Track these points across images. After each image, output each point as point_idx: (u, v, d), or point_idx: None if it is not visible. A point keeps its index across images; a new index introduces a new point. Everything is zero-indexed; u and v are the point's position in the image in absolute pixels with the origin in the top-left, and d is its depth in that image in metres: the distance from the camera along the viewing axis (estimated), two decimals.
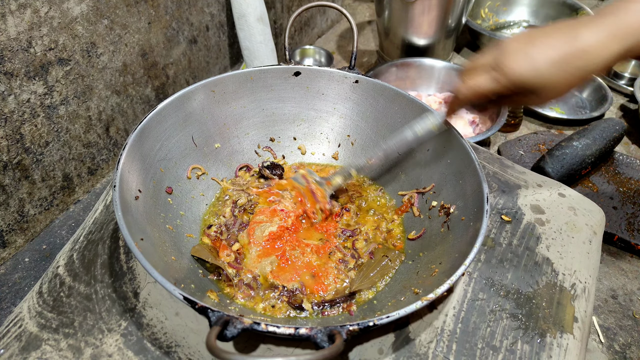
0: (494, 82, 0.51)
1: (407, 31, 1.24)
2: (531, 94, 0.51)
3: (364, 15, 1.65)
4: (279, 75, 0.74)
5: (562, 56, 0.48)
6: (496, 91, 0.52)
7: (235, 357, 0.38)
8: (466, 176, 0.61)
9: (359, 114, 0.76)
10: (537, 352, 0.53)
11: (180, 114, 0.67)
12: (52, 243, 0.83)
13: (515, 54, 0.50)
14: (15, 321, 0.55)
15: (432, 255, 0.59)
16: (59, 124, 0.80)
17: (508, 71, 0.50)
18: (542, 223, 0.68)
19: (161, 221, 0.60)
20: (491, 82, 0.52)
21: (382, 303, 0.56)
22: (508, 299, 0.58)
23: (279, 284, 0.59)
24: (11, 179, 0.75)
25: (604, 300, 0.80)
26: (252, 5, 1.01)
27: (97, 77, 0.84)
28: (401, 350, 0.52)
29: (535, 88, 0.50)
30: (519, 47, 0.50)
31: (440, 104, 1.17)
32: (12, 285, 0.76)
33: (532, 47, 0.49)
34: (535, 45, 0.49)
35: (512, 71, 0.49)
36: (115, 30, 0.85)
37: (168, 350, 0.51)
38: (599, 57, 0.47)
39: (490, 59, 0.52)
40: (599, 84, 1.25)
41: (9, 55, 0.69)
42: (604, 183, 0.99)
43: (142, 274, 0.58)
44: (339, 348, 0.40)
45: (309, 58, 1.36)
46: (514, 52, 0.50)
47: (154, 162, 0.63)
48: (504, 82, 0.51)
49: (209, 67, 1.13)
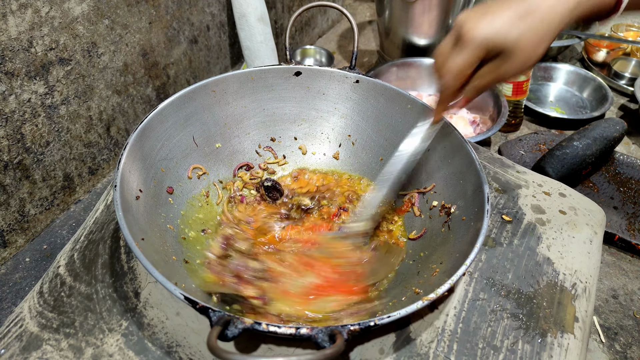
0: (464, 55, 0.51)
1: (408, 31, 1.24)
2: (503, 57, 0.50)
3: (364, 15, 1.65)
4: (279, 75, 0.74)
5: (519, 12, 0.49)
6: (468, 63, 0.52)
7: (236, 357, 0.38)
8: (467, 176, 0.61)
9: (360, 114, 0.76)
10: (538, 352, 0.53)
11: (181, 113, 0.67)
12: (53, 243, 0.83)
13: (475, 20, 0.50)
14: (15, 321, 0.55)
15: (433, 255, 0.59)
16: (59, 124, 0.80)
17: (471, 36, 0.50)
18: (542, 223, 0.68)
19: (162, 221, 0.60)
20: (461, 56, 0.51)
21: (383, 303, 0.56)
22: (509, 299, 0.58)
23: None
24: (12, 178, 0.75)
25: (604, 300, 0.80)
26: (252, 5, 1.01)
27: (98, 77, 0.84)
28: (402, 350, 0.52)
29: (503, 47, 0.50)
30: (476, 15, 0.50)
31: None
32: (12, 285, 0.76)
33: (487, 13, 0.50)
34: (490, 11, 0.50)
35: (474, 34, 0.49)
36: (116, 30, 0.85)
37: (169, 350, 0.51)
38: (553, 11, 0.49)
39: (452, 37, 0.53)
40: (599, 83, 1.25)
41: (10, 55, 0.69)
42: (604, 183, 0.99)
43: (142, 274, 0.58)
44: (340, 348, 0.40)
45: (310, 58, 1.37)
46: (473, 19, 0.50)
47: (155, 162, 0.63)
48: (472, 49, 0.50)
49: (209, 67, 1.13)
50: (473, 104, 1.17)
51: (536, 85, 1.31)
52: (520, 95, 1.11)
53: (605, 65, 1.36)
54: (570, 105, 1.26)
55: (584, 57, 1.40)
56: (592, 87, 1.27)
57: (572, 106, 1.26)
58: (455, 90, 0.55)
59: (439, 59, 0.54)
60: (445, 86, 0.55)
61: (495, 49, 0.50)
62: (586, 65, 1.38)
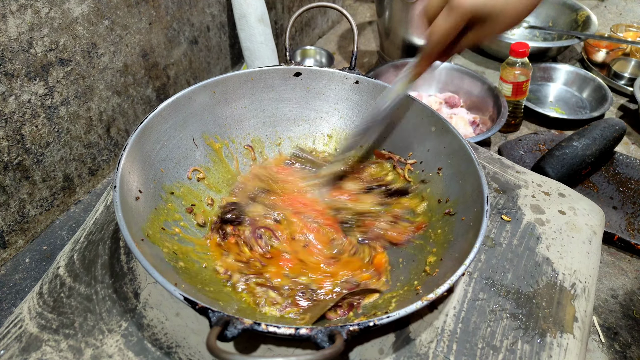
0: (451, 19, 0.53)
1: (408, 32, 1.24)
2: (487, 20, 0.52)
3: (364, 15, 1.65)
4: (279, 76, 0.74)
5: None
6: (455, 28, 0.53)
7: (235, 357, 0.38)
8: (466, 176, 0.62)
9: (360, 115, 0.76)
10: (538, 352, 0.53)
11: (180, 114, 0.67)
12: (53, 244, 0.83)
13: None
14: (15, 322, 0.55)
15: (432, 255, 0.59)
16: (59, 125, 0.80)
17: (459, 2, 0.51)
18: (542, 223, 0.68)
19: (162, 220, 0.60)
20: (449, 21, 0.53)
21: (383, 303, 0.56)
22: (508, 299, 0.58)
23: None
24: (12, 179, 0.76)
25: (604, 300, 0.80)
26: (252, 6, 1.01)
27: (98, 77, 0.85)
28: (401, 350, 0.52)
29: (488, 15, 0.51)
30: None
31: (441, 104, 1.17)
32: (12, 286, 0.76)
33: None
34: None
35: (463, 2, 0.51)
36: (116, 30, 0.85)
37: (168, 350, 0.51)
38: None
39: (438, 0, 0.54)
40: (599, 84, 1.26)
41: (10, 56, 0.69)
42: (604, 183, 0.99)
43: (142, 275, 0.58)
44: (339, 348, 0.40)
45: (310, 58, 1.37)
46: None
47: (155, 163, 0.63)
48: (459, 15, 0.52)
49: (209, 67, 1.13)
50: (473, 105, 1.17)
51: (536, 85, 1.31)
52: (520, 96, 1.11)
53: (605, 66, 1.36)
54: (569, 105, 1.26)
55: (584, 58, 1.40)
56: (592, 88, 1.27)
57: (571, 106, 1.26)
58: (439, 50, 0.57)
59: (426, 18, 0.56)
60: (430, 45, 0.56)
61: (482, 16, 0.52)
62: (586, 66, 1.38)
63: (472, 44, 0.56)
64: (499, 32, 0.54)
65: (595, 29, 1.35)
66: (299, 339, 0.43)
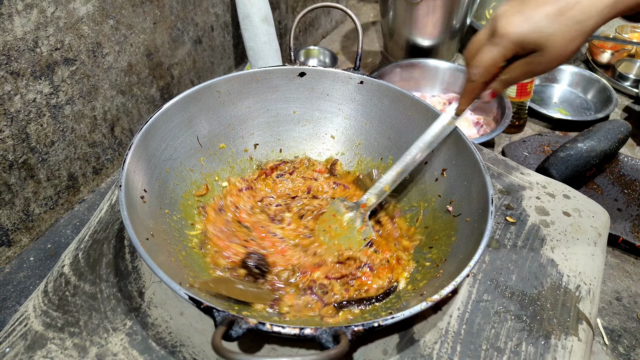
0: (497, 49, 0.51)
1: (412, 32, 1.24)
2: (536, 53, 0.50)
3: (368, 15, 1.65)
4: (283, 76, 0.74)
5: (557, 9, 0.48)
6: (501, 57, 0.52)
7: (240, 357, 0.38)
8: (471, 177, 0.61)
9: (364, 115, 0.76)
10: (542, 354, 0.53)
11: (185, 114, 0.67)
12: (57, 242, 0.83)
13: (511, 16, 0.50)
14: (20, 320, 0.55)
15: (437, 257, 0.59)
16: (64, 124, 0.81)
17: (507, 32, 0.50)
18: (546, 225, 0.68)
19: (167, 220, 0.60)
20: (494, 50, 0.51)
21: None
22: (513, 301, 0.58)
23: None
24: (17, 178, 0.76)
25: (608, 302, 0.80)
26: (256, 6, 1.01)
27: (103, 77, 0.85)
28: (406, 351, 0.52)
29: (537, 44, 0.49)
30: (512, 10, 0.50)
31: (445, 105, 1.17)
32: (17, 284, 0.77)
33: (525, 7, 0.50)
34: (528, 5, 0.50)
35: (510, 30, 0.49)
36: (120, 30, 0.85)
37: (173, 349, 0.52)
38: (592, 6, 0.48)
39: (486, 30, 0.53)
40: (604, 85, 1.25)
41: (16, 55, 0.69)
42: (608, 185, 0.98)
43: (147, 274, 0.58)
44: (343, 348, 0.40)
45: (314, 59, 1.37)
46: (509, 14, 0.50)
47: (160, 162, 0.63)
48: (506, 44, 0.50)
49: (213, 67, 1.13)
50: (477, 106, 1.17)
51: (540, 86, 1.31)
52: (524, 97, 1.11)
53: (610, 67, 1.36)
54: (574, 106, 1.26)
55: (588, 59, 1.40)
56: (597, 89, 1.27)
57: (576, 107, 1.25)
58: (483, 83, 0.55)
59: (472, 50, 0.54)
60: (473, 78, 0.55)
61: (529, 47, 0.50)
62: (590, 67, 1.38)
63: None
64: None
65: (600, 30, 1.35)
66: (303, 339, 0.43)
